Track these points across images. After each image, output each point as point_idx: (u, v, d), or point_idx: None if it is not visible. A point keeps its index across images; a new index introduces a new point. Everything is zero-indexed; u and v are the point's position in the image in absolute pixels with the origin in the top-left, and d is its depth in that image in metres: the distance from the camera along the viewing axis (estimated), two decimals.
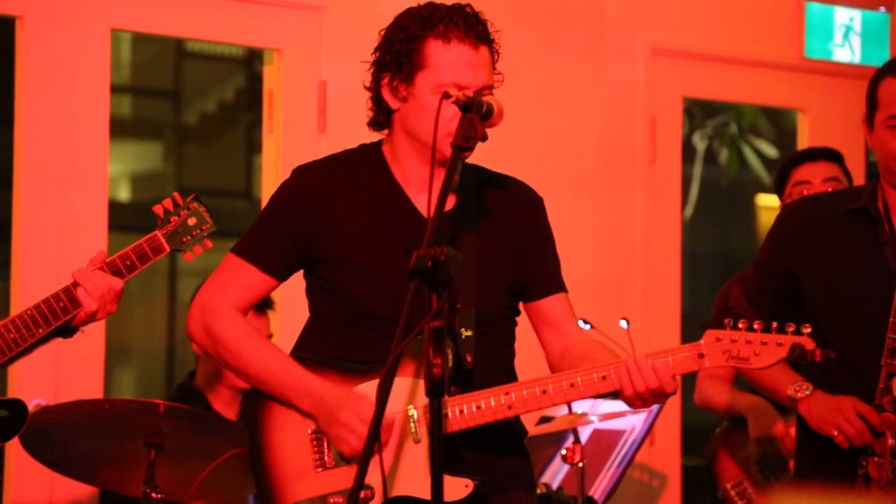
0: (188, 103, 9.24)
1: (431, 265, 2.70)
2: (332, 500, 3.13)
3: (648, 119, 6.13)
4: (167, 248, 3.54)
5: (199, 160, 9.11)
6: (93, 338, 5.07)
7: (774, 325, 3.00)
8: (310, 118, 5.50)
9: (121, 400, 4.14)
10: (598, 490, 4.86)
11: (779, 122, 9.37)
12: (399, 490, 3.10)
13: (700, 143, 9.79)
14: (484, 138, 3.07)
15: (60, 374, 4.96)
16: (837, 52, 6.54)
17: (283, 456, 3.19)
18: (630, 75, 6.08)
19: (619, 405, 4.78)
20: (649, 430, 4.88)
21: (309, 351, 3.25)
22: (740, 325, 3.01)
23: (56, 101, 5.06)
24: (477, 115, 3.01)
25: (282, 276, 3.32)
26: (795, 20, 6.44)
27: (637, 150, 6.09)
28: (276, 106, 5.52)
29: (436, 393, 2.70)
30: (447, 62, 3.16)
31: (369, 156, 3.29)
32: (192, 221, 3.58)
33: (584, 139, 5.92)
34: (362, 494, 3.09)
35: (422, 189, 3.22)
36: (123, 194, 8.91)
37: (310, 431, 3.18)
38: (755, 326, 3.00)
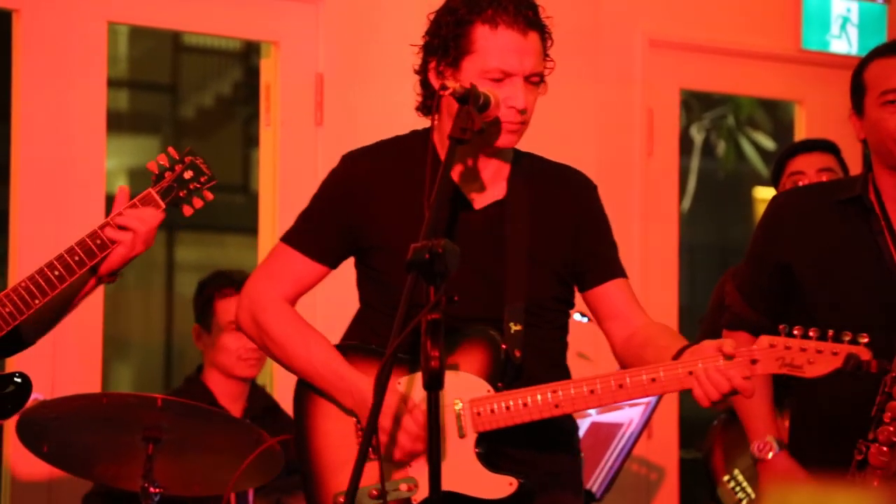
0: (185, 97, 9.22)
1: (429, 257, 2.70)
2: (374, 492, 3.11)
3: (646, 111, 6.12)
4: (162, 204, 3.44)
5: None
6: (90, 332, 5.08)
7: (830, 332, 2.94)
8: (307, 111, 5.50)
9: (119, 394, 4.13)
10: (595, 483, 4.86)
11: (776, 115, 9.35)
12: (444, 485, 3.02)
13: (697, 135, 9.77)
14: (482, 130, 3.07)
15: (58, 369, 4.96)
16: (835, 43, 6.53)
17: (329, 444, 3.17)
18: (627, 67, 6.08)
19: None
20: (647, 423, 4.88)
21: (358, 340, 3.23)
22: (795, 332, 2.94)
23: (53, 96, 5.05)
24: (474, 106, 3.00)
25: (331, 263, 3.30)
26: (792, 11, 6.44)
27: (634, 142, 6.08)
28: (273, 99, 5.51)
29: (433, 386, 2.68)
30: (494, 48, 3.13)
31: (418, 142, 3.23)
32: (188, 175, 3.49)
33: (581, 131, 5.91)
34: (406, 487, 3.08)
35: (470, 177, 3.22)
36: None
37: (356, 421, 3.17)
38: (810, 334, 2.94)
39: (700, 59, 6.33)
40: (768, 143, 9.52)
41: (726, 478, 4.76)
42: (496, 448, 3.09)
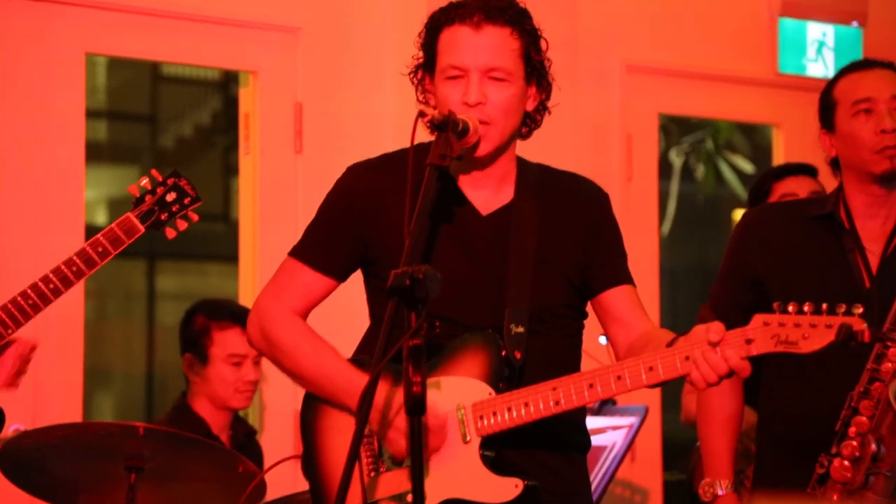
0: (164, 127, 9.23)
1: (409, 283, 2.70)
2: None
3: (624, 136, 6.14)
4: (141, 228, 3.40)
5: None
6: (72, 362, 5.06)
7: (825, 306, 2.88)
8: (286, 140, 5.50)
9: (101, 423, 4.11)
10: None
11: (754, 138, 9.39)
12: (450, 493, 3.05)
13: (676, 159, 9.80)
14: (461, 157, 3.07)
15: (39, 399, 4.94)
16: (811, 66, 6.57)
17: (338, 460, 3.11)
18: (605, 93, 6.10)
19: (599, 421, 4.79)
20: (630, 445, 4.88)
21: (368, 355, 3.17)
22: (790, 309, 2.88)
23: (31, 126, 5.05)
24: (453, 133, 3.00)
25: (339, 276, 3.27)
26: (768, 36, 6.47)
27: (613, 167, 6.10)
28: (252, 128, 5.52)
29: (415, 411, 2.68)
30: (446, 44, 3.13)
31: (423, 154, 3.10)
32: (170, 197, 3.43)
33: (560, 157, 5.88)
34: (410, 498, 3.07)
35: (476, 185, 3.21)
36: (101, 219, 8.89)
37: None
38: (805, 308, 2.87)
39: (678, 83, 6.36)
40: (747, 167, 9.56)
41: None
42: (505, 459, 3.07)
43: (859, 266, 3.64)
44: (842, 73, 3.78)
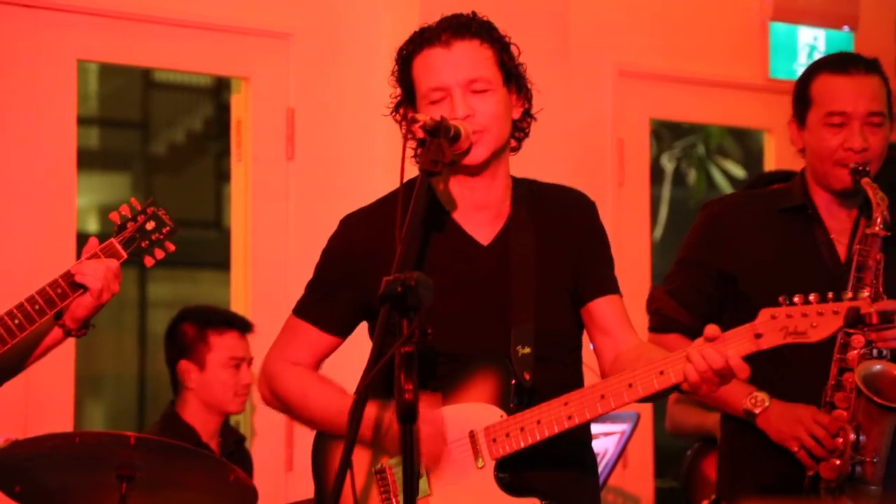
0: (156, 134, 9.21)
1: (401, 291, 2.69)
2: None
3: (616, 141, 6.14)
4: (124, 254, 3.46)
5: (168, 190, 9.07)
6: (63, 371, 5.05)
7: (830, 294, 2.88)
8: (278, 146, 5.50)
9: (91, 433, 4.10)
10: None
11: (745, 143, 9.40)
12: None
13: (668, 164, 9.80)
14: (453, 162, 3.06)
15: (31, 408, 4.93)
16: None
17: (349, 498, 3.09)
18: (597, 98, 6.10)
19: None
20: (622, 452, 4.88)
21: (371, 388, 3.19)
22: (795, 300, 2.88)
23: (23, 133, 5.04)
24: (445, 138, 3.00)
25: (343, 333, 3.28)
26: (760, 40, 6.48)
27: (605, 172, 6.11)
28: (244, 134, 5.51)
29: (407, 420, 2.67)
30: (421, 71, 3.14)
31: (412, 193, 3.04)
32: (150, 226, 3.50)
33: (552, 162, 5.92)
34: None
35: (475, 211, 3.20)
36: (92, 226, 8.87)
37: (374, 470, 3.13)
38: (810, 299, 2.88)
39: (669, 88, 6.37)
40: (738, 172, 9.56)
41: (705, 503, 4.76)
42: (520, 480, 3.06)
43: (829, 257, 3.64)
44: (822, 67, 3.74)
